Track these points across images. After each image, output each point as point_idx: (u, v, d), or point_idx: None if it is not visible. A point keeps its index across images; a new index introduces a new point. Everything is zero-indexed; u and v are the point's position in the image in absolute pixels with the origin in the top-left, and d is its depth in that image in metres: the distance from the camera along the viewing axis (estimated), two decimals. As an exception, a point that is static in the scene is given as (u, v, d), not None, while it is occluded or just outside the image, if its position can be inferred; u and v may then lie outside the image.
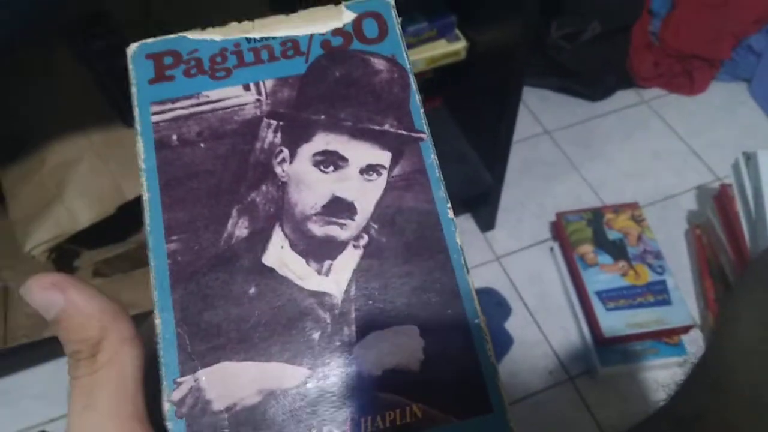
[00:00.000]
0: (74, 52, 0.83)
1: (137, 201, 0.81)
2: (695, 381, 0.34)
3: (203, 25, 0.26)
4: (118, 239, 0.90)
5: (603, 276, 1.16)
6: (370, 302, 0.23)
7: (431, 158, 0.25)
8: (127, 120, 0.85)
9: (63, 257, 0.86)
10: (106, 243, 0.90)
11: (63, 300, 0.20)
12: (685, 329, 1.10)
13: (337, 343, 0.22)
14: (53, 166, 0.83)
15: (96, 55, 0.81)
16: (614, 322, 1.10)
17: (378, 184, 0.24)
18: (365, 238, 0.24)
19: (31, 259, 0.82)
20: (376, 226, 0.24)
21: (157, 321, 0.22)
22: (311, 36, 0.26)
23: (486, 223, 1.32)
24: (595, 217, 1.24)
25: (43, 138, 0.84)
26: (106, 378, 0.20)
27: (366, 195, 0.24)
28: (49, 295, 0.21)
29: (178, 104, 0.25)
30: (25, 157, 0.85)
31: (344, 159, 0.25)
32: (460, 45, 1.02)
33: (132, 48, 0.26)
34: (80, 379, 0.20)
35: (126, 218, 0.83)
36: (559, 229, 1.25)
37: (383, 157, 0.25)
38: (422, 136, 0.25)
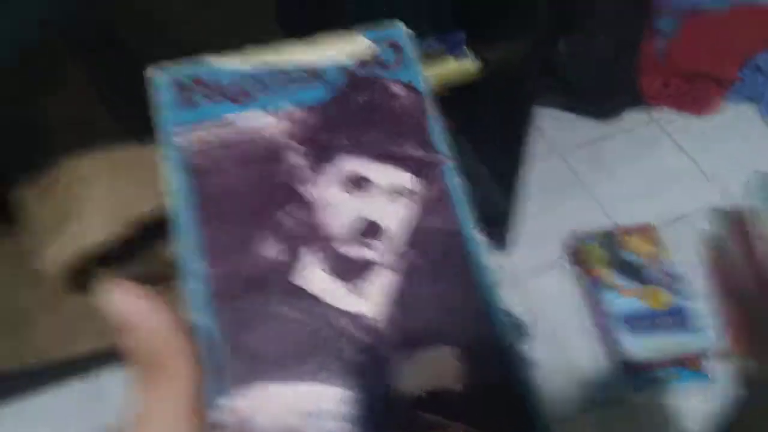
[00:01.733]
0: (89, 68, 0.84)
1: (153, 221, 0.81)
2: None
3: (221, 49, 0.27)
4: (134, 258, 0.91)
5: (620, 299, 1.13)
6: (405, 323, 0.23)
7: (455, 180, 0.25)
8: (143, 138, 0.85)
9: (78, 276, 0.86)
10: (121, 262, 0.90)
11: (135, 308, 0.20)
12: (707, 354, 1.08)
13: (374, 364, 0.22)
14: (68, 183, 0.83)
15: (110, 72, 0.82)
16: (633, 347, 1.08)
17: (404, 206, 0.25)
18: (394, 259, 0.24)
19: (46, 278, 0.83)
20: (404, 247, 0.24)
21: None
22: (331, 63, 0.27)
23: (498, 243, 1.31)
24: (610, 238, 1.22)
25: (57, 154, 0.84)
26: (167, 395, 0.20)
27: (392, 216, 0.24)
28: (125, 301, 0.21)
29: (201, 128, 0.25)
30: (40, 174, 0.85)
31: (369, 181, 0.25)
32: (470, 63, 1.02)
33: (153, 72, 0.26)
34: (140, 394, 0.20)
35: (141, 237, 0.83)
36: (574, 251, 1.24)
37: (407, 179, 0.25)
38: (445, 159, 0.26)
